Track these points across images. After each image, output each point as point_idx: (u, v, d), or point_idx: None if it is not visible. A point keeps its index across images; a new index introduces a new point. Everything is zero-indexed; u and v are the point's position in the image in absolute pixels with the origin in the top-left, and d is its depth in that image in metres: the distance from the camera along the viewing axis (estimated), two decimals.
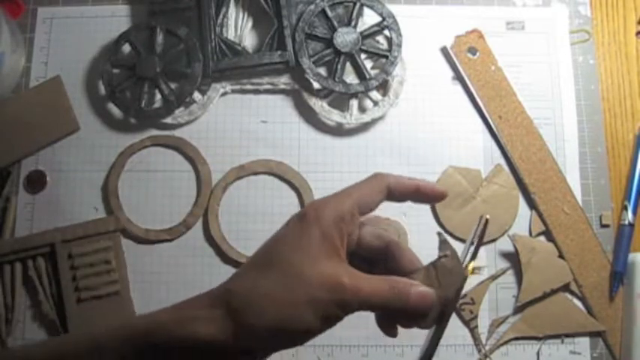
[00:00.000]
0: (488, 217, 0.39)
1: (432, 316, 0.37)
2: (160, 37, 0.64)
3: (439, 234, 0.40)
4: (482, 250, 0.63)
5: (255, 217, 0.64)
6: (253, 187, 0.64)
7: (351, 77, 0.65)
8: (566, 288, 0.61)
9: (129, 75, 0.64)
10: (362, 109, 0.65)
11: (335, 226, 0.37)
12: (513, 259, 0.62)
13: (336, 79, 0.63)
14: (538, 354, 0.60)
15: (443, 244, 0.39)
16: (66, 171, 0.65)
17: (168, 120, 0.65)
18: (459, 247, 0.57)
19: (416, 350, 0.61)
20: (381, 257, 0.40)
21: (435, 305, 0.37)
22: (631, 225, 0.62)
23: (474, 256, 0.38)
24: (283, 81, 0.66)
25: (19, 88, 0.67)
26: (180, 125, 0.65)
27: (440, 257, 0.39)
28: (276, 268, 0.36)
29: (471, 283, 0.62)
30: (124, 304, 0.61)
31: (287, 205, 0.64)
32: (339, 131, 0.66)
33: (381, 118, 0.65)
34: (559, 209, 0.63)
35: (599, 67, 0.67)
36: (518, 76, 0.66)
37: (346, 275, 0.36)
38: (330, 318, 0.35)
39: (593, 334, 0.61)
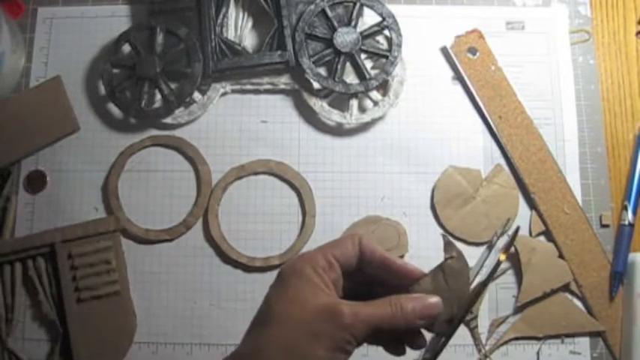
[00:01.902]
0: (519, 226, 0.40)
1: (442, 319, 0.38)
2: (160, 37, 0.64)
3: (443, 236, 0.40)
4: (483, 249, 0.63)
5: (255, 217, 0.64)
6: (253, 187, 0.64)
7: (351, 77, 0.65)
8: (566, 288, 0.61)
9: (129, 75, 0.64)
10: (362, 109, 0.65)
11: (314, 273, 0.38)
12: (513, 259, 0.62)
13: (336, 79, 0.63)
14: (538, 354, 0.60)
15: (447, 245, 0.39)
16: (66, 171, 0.65)
17: (168, 120, 0.65)
18: (462, 248, 0.57)
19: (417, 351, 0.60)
20: (377, 279, 0.41)
21: (444, 309, 0.37)
22: (631, 225, 0.62)
23: (507, 249, 0.38)
24: (283, 81, 0.66)
25: (19, 88, 0.67)
26: (180, 125, 0.65)
27: (446, 259, 0.39)
28: (273, 321, 0.37)
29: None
30: (124, 304, 0.61)
31: (287, 205, 0.64)
32: (339, 131, 0.66)
33: (381, 118, 0.65)
34: (559, 209, 0.63)
35: (599, 67, 0.67)
36: (518, 76, 0.66)
37: (341, 303, 0.37)
38: (341, 346, 0.36)
39: (593, 334, 0.61)
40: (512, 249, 0.62)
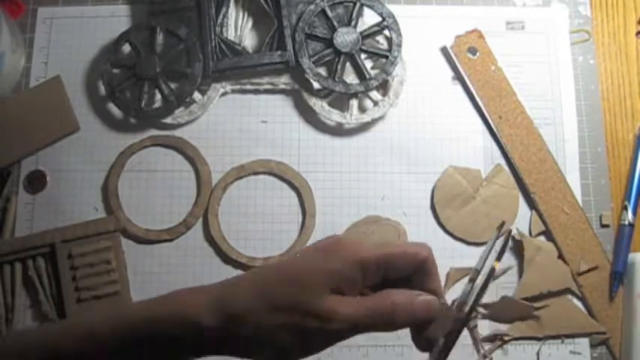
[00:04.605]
0: (511, 229, 0.38)
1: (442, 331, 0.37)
2: (160, 37, 0.64)
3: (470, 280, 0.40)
4: (483, 249, 0.63)
5: (255, 217, 0.64)
6: (253, 187, 0.64)
7: (351, 77, 0.65)
8: (566, 288, 0.61)
9: (129, 75, 0.64)
10: (362, 109, 0.65)
11: (351, 274, 0.36)
12: (513, 259, 0.62)
13: (336, 79, 0.63)
14: (538, 354, 0.60)
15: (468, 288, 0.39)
16: (66, 171, 0.65)
17: (168, 120, 0.65)
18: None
19: (417, 351, 0.60)
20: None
21: (443, 320, 0.37)
22: (631, 225, 0.62)
23: (499, 256, 0.37)
24: (283, 81, 0.66)
25: (19, 88, 0.67)
26: (180, 125, 0.65)
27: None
28: (274, 284, 0.36)
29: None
30: (123, 304, 0.61)
31: (287, 205, 0.64)
32: (339, 131, 0.66)
33: (381, 118, 0.65)
34: (559, 209, 0.63)
35: (599, 67, 0.67)
36: (518, 76, 0.66)
37: (341, 305, 0.35)
38: (317, 346, 0.36)
39: (594, 334, 0.61)
40: (513, 249, 0.62)
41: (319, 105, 0.65)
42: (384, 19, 0.65)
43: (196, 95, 0.65)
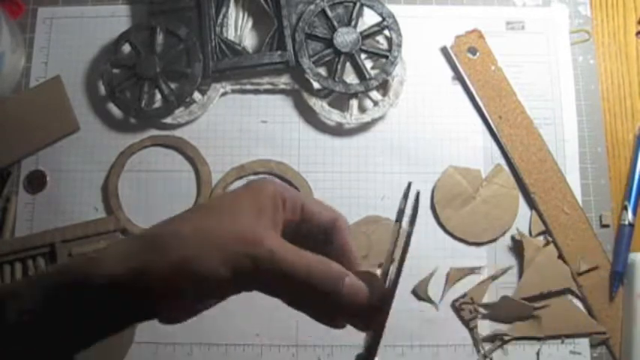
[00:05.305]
0: (419, 191, 0.37)
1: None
2: (160, 37, 0.64)
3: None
4: (483, 249, 0.63)
5: None
6: None
7: (351, 77, 0.65)
8: (566, 288, 0.61)
9: (129, 75, 0.64)
10: (362, 109, 0.65)
11: (273, 203, 0.35)
12: (514, 259, 0.62)
13: (336, 79, 0.63)
14: (538, 354, 0.60)
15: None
16: (66, 171, 0.65)
17: (168, 120, 0.65)
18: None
19: (417, 351, 0.61)
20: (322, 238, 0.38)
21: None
22: (631, 225, 0.62)
23: (413, 219, 0.36)
24: (283, 81, 0.66)
25: (19, 88, 0.67)
26: (180, 125, 0.65)
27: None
28: (199, 215, 0.36)
29: (471, 282, 0.62)
30: None
31: None
32: (339, 131, 0.66)
33: (381, 118, 0.65)
34: (559, 209, 0.63)
35: (599, 67, 0.67)
36: (518, 76, 0.66)
37: (269, 236, 0.34)
38: (240, 271, 0.34)
39: (594, 334, 0.61)
40: (513, 249, 0.62)
41: (319, 105, 0.65)
42: (384, 19, 0.65)
43: (196, 95, 0.65)
